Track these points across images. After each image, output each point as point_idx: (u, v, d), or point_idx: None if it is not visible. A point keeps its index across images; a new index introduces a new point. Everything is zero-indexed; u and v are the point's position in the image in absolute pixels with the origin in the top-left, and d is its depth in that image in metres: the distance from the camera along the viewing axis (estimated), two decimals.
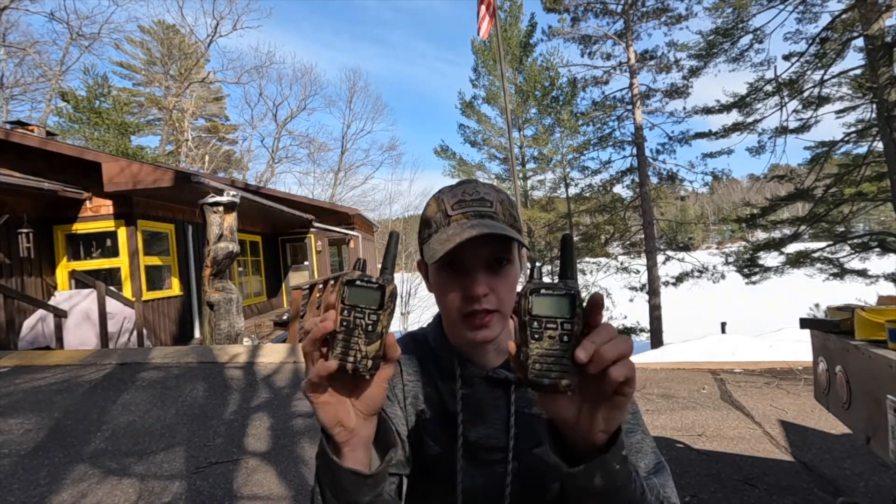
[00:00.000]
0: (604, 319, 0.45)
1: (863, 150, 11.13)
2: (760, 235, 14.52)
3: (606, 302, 17.30)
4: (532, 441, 0.66)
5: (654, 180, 16.24)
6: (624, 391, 0.41)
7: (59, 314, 6.33)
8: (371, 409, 0.48)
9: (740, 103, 12.66)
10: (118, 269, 7.59)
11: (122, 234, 7.53)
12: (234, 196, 6.93)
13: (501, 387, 0.68)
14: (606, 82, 16.78)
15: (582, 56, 16.69)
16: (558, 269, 0.46)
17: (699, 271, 15.28)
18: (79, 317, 6.65)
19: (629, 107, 15.99)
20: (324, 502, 0.49)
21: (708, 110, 13.84)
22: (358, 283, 0.45)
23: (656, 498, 0.53)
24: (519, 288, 0.58)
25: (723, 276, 14.82)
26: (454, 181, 0.70)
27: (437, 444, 0.67)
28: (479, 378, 0.68)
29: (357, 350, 0.44)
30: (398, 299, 0.58)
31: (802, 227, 11.95)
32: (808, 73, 11.40)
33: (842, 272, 11.60)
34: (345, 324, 0.44)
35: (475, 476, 0.66)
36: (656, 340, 14.34)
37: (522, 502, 0.65)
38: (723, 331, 12.49)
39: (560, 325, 0.42)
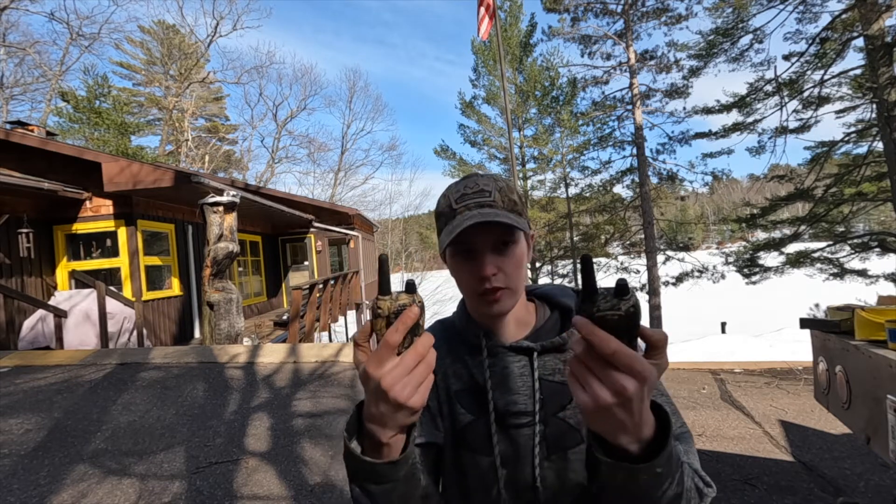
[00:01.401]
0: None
1: (863, 150, 11.13)
2: (760, 235, 14.51)
3: None
4: (557, 405, 0.70)
5: (654, 180, 16.24)
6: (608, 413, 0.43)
7: (59, 314, 6.33)
8: None
9: (740, 103, 12.65)
10: (118, 269, 7.59)
11: (122, 234, 7.53)
12: (234, 196, 6.92)
13: (524, 355, 0.73)
14: (606, 82, 16.79)
15: (582, 56, 16.71)
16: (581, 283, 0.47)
17: (699, 271, 15.28)
18: (79, 317, 6.65)
19: (629, 107, 15.99)
20: (365, 492, 0.54)
21: (708, 110, 13.84)
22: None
23: (694, 487, 0.56)
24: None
25: (723, 276, 14.82)
26: (454, 181, 0.76)
27: (469, 413, 0.73)
28: (504, 349, 0.74)
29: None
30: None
31: (802, 227, 11.95)
32: (808, 73, 11.39)
33: (842, 272, 11.60)
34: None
35: (504, 441, 0.70)
36: None
37: (550, 465, 0.68)
38: (723, 331, 12.52)
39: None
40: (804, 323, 2.12)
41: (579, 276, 18.74)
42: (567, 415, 0.69)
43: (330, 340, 12.14)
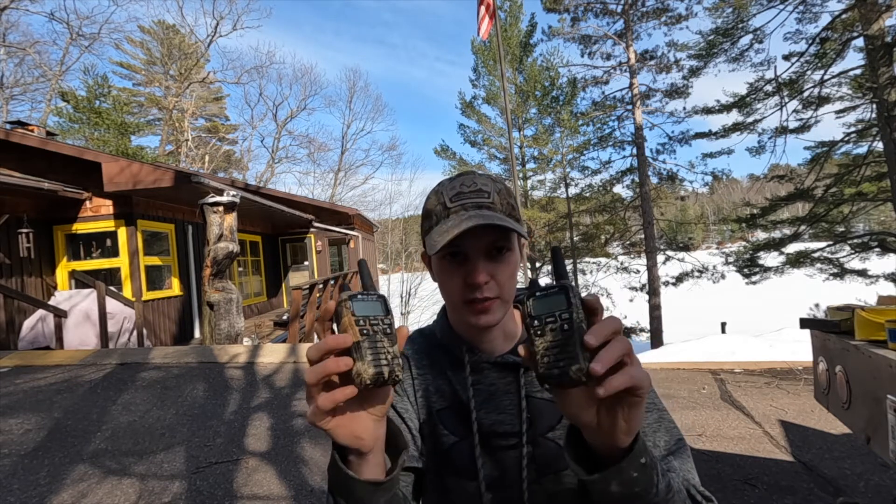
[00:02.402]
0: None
1: (863, 150, 11.14)
2: (760, 235, 14.52)
3: (606, 302, 17.31)
4: (545, 425, 0.66)
5: (654, 180, 16.25)
6: (637, 393, 0.41)
7: (59, 314, 6.33)
8: (384, 411, 0.48)
9: (740, 103, 12.66)
10: (118, 269, 7.59)
11: (122, 234, 7.53)
12: (234, 196, 6.92)
13: (511, 371, 0.68)
14: (606, 82, 16.81)
15: (582, 56, 16.74)
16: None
17: (699, 271, 15.29)
18: (79, 317, 6.65)
19: (629, 107, 16.00)
20: None
21: (708, 110, 13.85)
22: (360, 297, 0.46)
23: (685, 490, 0.53)
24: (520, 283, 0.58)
25: (723, 276, 14.83)
26: (446, 178, 0.70)
27: (452, 434, 0.67)
28: (488, 364, 0.69)
29: (386, 352, 0.44)
30: (399, 299, 0.59)
31: (802, 227, 11.95)
32: (808, 73, 11.40)
33: (842, 272, 11.61)
34: (365, 332, 0.44)
35: (491, 463, 0.66)
36: (656, 340, 14.34)
37: (539, 488, 0.64)
38: (723, 331, 12.49)
39: (558, 316, 0.43)
40: (804, 323, 2.12)
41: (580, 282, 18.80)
42: (557, 435, 0.65)
43: None
